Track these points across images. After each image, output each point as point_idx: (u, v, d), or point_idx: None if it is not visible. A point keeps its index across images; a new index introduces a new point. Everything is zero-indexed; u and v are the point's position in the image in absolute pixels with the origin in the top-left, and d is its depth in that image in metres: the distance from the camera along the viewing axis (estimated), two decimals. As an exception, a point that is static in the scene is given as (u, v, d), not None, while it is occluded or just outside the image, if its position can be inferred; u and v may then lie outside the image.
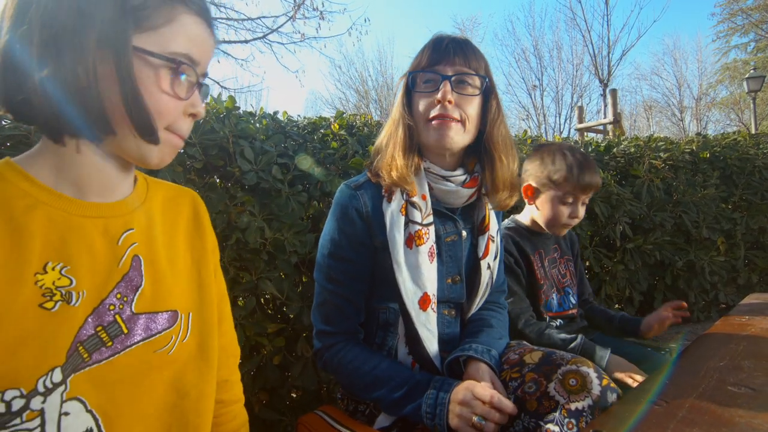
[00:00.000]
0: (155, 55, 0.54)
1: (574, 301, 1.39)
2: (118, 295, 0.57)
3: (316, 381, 1.63)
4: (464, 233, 0.97)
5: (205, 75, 0.63)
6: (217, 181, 1.67)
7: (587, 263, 2.65)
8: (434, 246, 0.89)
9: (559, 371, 0.76)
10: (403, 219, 0.87)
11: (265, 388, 1.68)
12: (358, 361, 0.86)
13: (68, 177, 0.56)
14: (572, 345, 1.15)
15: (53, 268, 0.52)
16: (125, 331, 0.57)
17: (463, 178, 0.91)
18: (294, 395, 1.80)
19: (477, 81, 0.87)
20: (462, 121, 0.86)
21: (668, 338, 2.94)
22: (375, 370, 0.84)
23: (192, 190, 0.76)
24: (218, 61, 11.93)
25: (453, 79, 0.85)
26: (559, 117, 19.38)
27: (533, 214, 1.37)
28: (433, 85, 0.86)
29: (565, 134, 15.92)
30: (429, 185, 0.91)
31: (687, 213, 2.82)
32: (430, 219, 0.90)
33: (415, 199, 0.89)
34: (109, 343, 0.55)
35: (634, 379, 1.02)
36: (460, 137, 0.87)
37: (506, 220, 1.46)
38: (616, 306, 2.88)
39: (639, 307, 3.01)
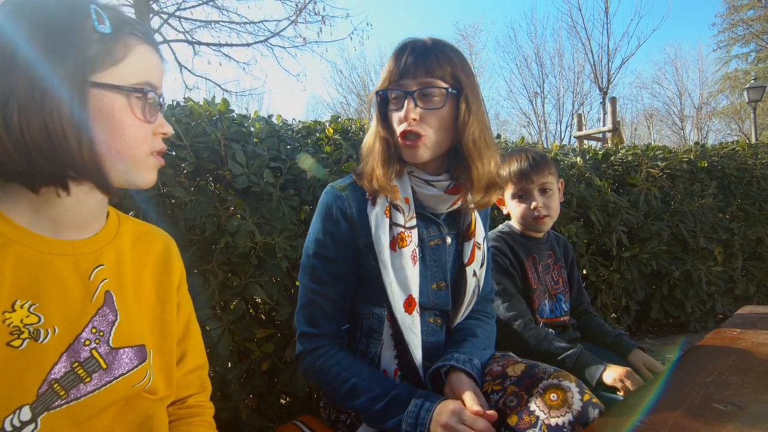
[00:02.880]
0: (124, 88, 0.57)
1: (566, 309, 1.37)
2: (93, 330, 0.58)
3: (305, 387, 1.61)
4: (449, 239, 0.96)
5: (162, 96, 0.66)
6: (211, 183, 1.67)
7: (583, 271, 2.64)
8: (417, 249, 0.88)
9: (540, 385, 0.74)
10: (387, 221, 0.87)
11: (253, 394, 1.66)
12: (339, 368, 0.85)
13: (45, 215, 0.58)
14: (569, 353, 1.13)
15: (21, 306, 0.53)
16: (104, 366, 0.57)
17: (446, 183, 0.90)
18: (283, 401, 1.78)
19: (442, 91, 0.85)
20: (429, 135, 0.85)
21: (663, 349, 2.92)
22: (356, 379, 0.83)
23: (164, 232, 0.77)
24: (220, 64, 12.01)
25: (416, 93, 0.83)
26: (560, 124, 19.41)
27: (514, 221, 1.41)
28: (400, 101, 0.86)
29: (565, 142, 15.94)
30: (412, 189, 0.91)
31: (684, 222, 2.80)
32: (413, 222, 0.89)
33: (398, 202, 0.89)
34: (87, 379, 0.55)
35: (624, 385, 1.00)
36: (430, 151, 0.87)
37: (501, 225, 1.46)
38: (612, 315, 2.86)
39: (635, 316, 2.99)
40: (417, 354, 0.85)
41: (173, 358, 0.70)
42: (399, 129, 0.86)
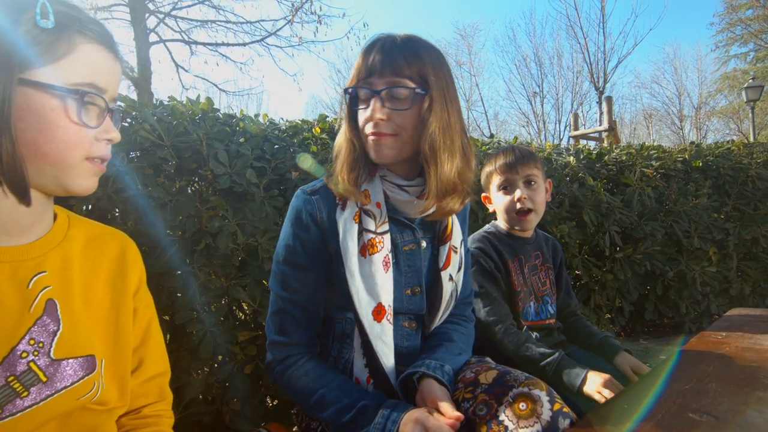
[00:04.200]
0: (58, 88, 0.54)
1: (552, 311, 1.34)
2: (32, 341, 0.55)
3: (289, 391, 1.58)
4: (424, 243, 0.93)
5: (115, 100, 0.63)
6: (194, 183, 1.64)
7: (576, 272, 2.61)
8: (389, 255, 0.86)
9: (510, 394, 0.72)
10: (356, 227, 0.84)
11: (237, 398, 1.63)
12: (308, 378, 0.83)
13: None
14: (549, 359, 1.10)
15: None
16: (44, 379, 0.54)
17: (420, 188, 0.87)
18: (269, 405, 1.75)
19: (410, 91, 0.81)
20: (397, 135, 0.82)
21: (659, 350, 2.89)
22: (324, 389, 0.80)
23: (123, 233, 0.74)
24: (217, 64, 11.97)
25: (383, 93, 0.81)
26: (559, 124, 19.42)
27: (499, 217, 1.39)
28: (367, 99, 0.83)
29: (564, 141, 15.93)
30: (385, 193, 0.88)
31: (678, 222, 2.78)
32: (385, 227, 0.86)
33: (369, 207, 0.86)
34: (25, 394, 0.52)
35: (602, 395, 0.97)
36: (395, 151, 0.83)
37: (487, 225, 1.44)
38: (606, 315, 2.84)
39: (630, 317, 2.96)
40: (387, 361, 0.82)
41: (128, 367, 0.67)
42: (367, 129, 0.83)
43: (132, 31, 8.39)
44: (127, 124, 1.52)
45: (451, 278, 0.94)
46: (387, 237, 0.86)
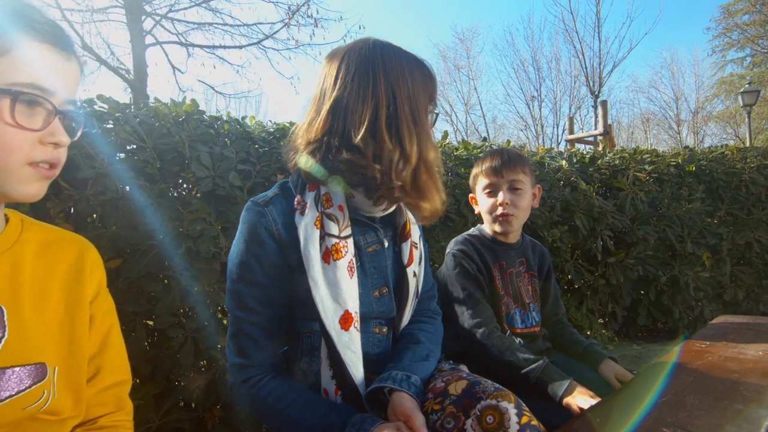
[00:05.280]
0: None
1: (537, 319, 1.32)
2: None
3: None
4: (386, 242, 0.91)
5: (71, 102, 0.60)
6: (176, 186, 1.62)
7: (569, 276, 2.59)
8: (354, 260, 0.83)
9: (478, 406, 0.69)
10: (318, 232, 0.81)
11: (219, 404, 1.61)
12: (271, 398, 0.79)
13: None
14: (533, 366, 1.08)
15: None
16: None
17: None
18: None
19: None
20: None
21: (653, 355, 2.87)
22: (288, 409, 0.78)
23: (82, 238, 0.71)
24: (214, 67, 11.96)
25: None
26: (557, 128, 19.42)
27: (483, 219, 1.37)
28: None
29: (563, 146, 15.95)
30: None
31: (671, 227, 2.76)
32: (349, 231, 0.83)
33: (331, 210, 0.83)
34: None
35: (579, 407, 0.95)
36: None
37: (472, 229, 1.42)
38: (599, 320, 2.82)
39: (623, 322, 2.94)
40: (356, 372, 0.79)
41: (84, 376, 0.65)
42: None
43: (128, 33, 8.38)
44: (111, 126, 1.50)
45: (414, 274, 0.92)
46: (350, 241, 0.83)
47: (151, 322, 1.48)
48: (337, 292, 0.79)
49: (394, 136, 0.79)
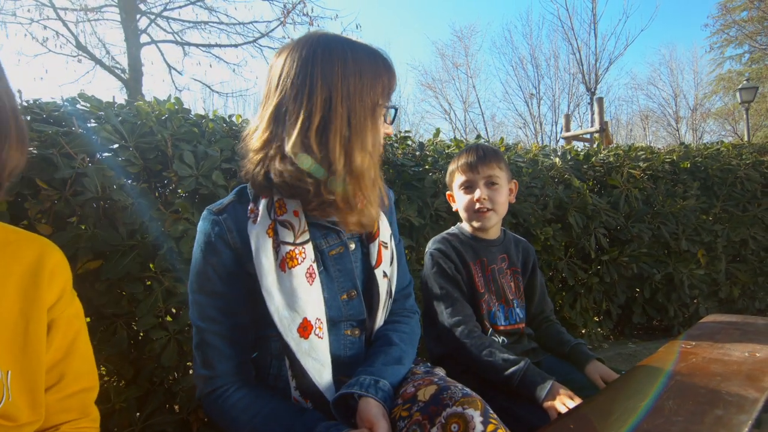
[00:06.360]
0: None
1: (521, 315, 1.30)
2: None
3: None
4: (352, 244, 0.89)
5: None
6: (157, 185, 1.59)
7: (562, 275, 2.57)
8: (313, 265, 0.81)
9: (444, 413, 0.67)
10: (270, 241, 0.79)
11: (202, 407, 1.59)
12: (235, 411, 0.78)
13: None
14: (514, 369, 1.06)
15: None
16: None
17: None
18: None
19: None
20: None
21: (648, 353, 2.85)
22: (253, 420, 0.76)
23: (45, 240, 0.68)
24: (210, 66, 11.91)
25: None
26: (556, 125, 19.39)
27: (461, 216, 1.35)
28: None
29: (561, 143, 15.92)
30: None
31: (666, 224, 2.74)
32: (306, 237, 0.81)
33: (285, 217, 0.80)
34: None
35: (557, 410, 0.92)
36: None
37: (452, 227, 1.40)
38: (594, 319, 2.79)
39: (618, 320, 2.92)
40: (321, 379, 0.77)
41: (39, 381, 0.62)
42: None
43: (122, 32, 8.33)
44: (94, 125, 1.48)
45: (385, 275, 0.90)
46: (309, 246, 0.80)
47: (133, 324, 1.46)
48: (293, 300, 0.77)
49: (323, 144, 0.74)
